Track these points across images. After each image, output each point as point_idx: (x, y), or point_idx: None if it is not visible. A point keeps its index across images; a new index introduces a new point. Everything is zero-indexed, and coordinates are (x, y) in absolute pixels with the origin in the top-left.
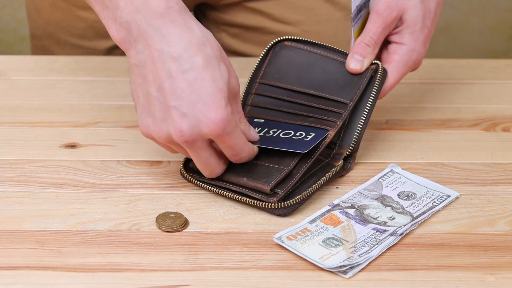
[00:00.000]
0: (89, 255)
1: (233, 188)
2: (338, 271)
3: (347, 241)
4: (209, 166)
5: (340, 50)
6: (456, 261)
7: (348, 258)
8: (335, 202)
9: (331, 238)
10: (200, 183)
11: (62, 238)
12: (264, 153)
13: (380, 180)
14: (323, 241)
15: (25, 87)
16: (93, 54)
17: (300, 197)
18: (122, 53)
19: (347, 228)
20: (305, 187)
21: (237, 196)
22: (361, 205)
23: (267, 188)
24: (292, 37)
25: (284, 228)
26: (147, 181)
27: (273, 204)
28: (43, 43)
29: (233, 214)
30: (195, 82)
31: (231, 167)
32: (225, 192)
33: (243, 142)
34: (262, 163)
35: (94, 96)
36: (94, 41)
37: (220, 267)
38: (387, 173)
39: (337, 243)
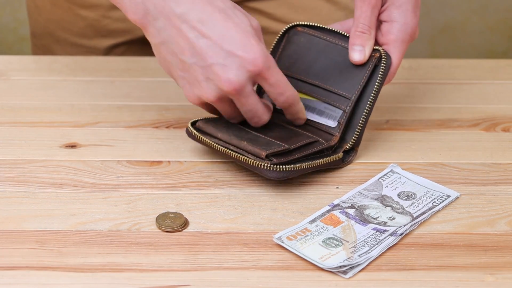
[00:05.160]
0: (89, 255)
1: (231, 148)
2: (338, 271)
3: (347, 241)
4: (258, 112)
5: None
6: (456, 261)
7: (348, 258)
8: (335, 202)
9: (331, 238)
10: (203, 139)
11: (62, 238)
12: (270, 131)
13: (380, 180)
14: (323, 241)
15: (25, 87)
16: (93, 53)
17: (294, 166)
18: (122, 53)
19: (347, 228)
20: (301, 162)
21: (234, 154)
22: (361, 205)
23: (263, 153)
24: (305, 23)
25: (284, 228)
26: (147, 181)
27: (266, 165)
28: (43, 41)
29: (233, 214)
30: (222, 34)
31: (235, 133)
32: (223, 148)
33: (285, 80)
34: (265, 137)
35: (94, 96)
36: (94, 40)
37: (220, 267)
38: (387, 173)
39: (337, 243)
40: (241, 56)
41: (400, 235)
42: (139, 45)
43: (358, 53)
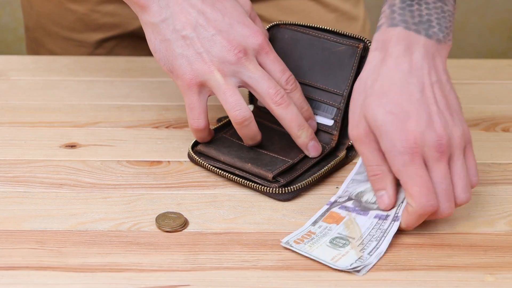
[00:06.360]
0: (89, 255)
1: (237, 172)
2: (352, 270)
3: (353, 238)
4: (268, 76)
5: (333, 30)
6: (456, 261)
7: (359, 258)
8: (332, 199)
9: (337, 237)
10: (206, 165)
11: (62, 238)
12: (270, 144)
13: None
14: (330, 242)
15: (25, 87)
16: (83, 46)
17: (301, 184)
18: (112, 47)
19: (350, 223)
20: (307, 176)
21: (241, 180)
22: (358, 193)
23: (270, 175)
24: (287, 21)
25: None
26: (147, 181)
27: (274, 189)
28: (35, 35)
29: (233, 214)
30: (224, 10)
31: (238, 154)
32: (228, 175)
33: (282, 61)
34: (268, 153)
35: (94, 96)
36: (84, 33)
37: (220, 267)
38: None
39: (344, 242)
40: (242, 30)
41: None
42: (129, 40)
43: (383, 199)
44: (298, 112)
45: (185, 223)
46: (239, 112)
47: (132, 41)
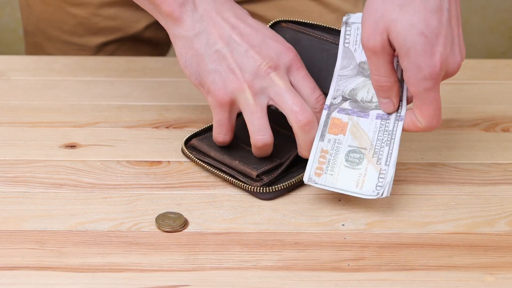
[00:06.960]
0: (89, 255)
1: (223, 168)
2: (381, 196)
3: (365, 148)
4: (295, 93)
5: (335, 29)
6: (456, 261)
7: (380, 173)
8: (328, 102)
9: (350, 152)
10: (196, 160)
11: (62, 238)
12: None
13: (345, 45)
14: (346, 161)
15: (25, 87)
16: (84, 50)
17: (284, 185)
18: (113, 50)
19: (355, 130)
20: (291, 177)
21: (226, 176)
22: (351, 91)
23: (254, 173)
24: (288, 19)
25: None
26: (147, 181)
27: (256, 188)
28: (35, 39)
29: (233, 214)
30: (256, 25)
31: (229, 151)
32: (215, 171)
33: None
34: None
35: (94, 96)
36: (84, 37)
37: (220, 267)
38: (345, 30)
39: (358, 155)
40: (275, 45)
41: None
42: (130, 43)
43: (387, 106)
44: None
45: (185, 223)
46: (262, 137)
47: (133, 45)
